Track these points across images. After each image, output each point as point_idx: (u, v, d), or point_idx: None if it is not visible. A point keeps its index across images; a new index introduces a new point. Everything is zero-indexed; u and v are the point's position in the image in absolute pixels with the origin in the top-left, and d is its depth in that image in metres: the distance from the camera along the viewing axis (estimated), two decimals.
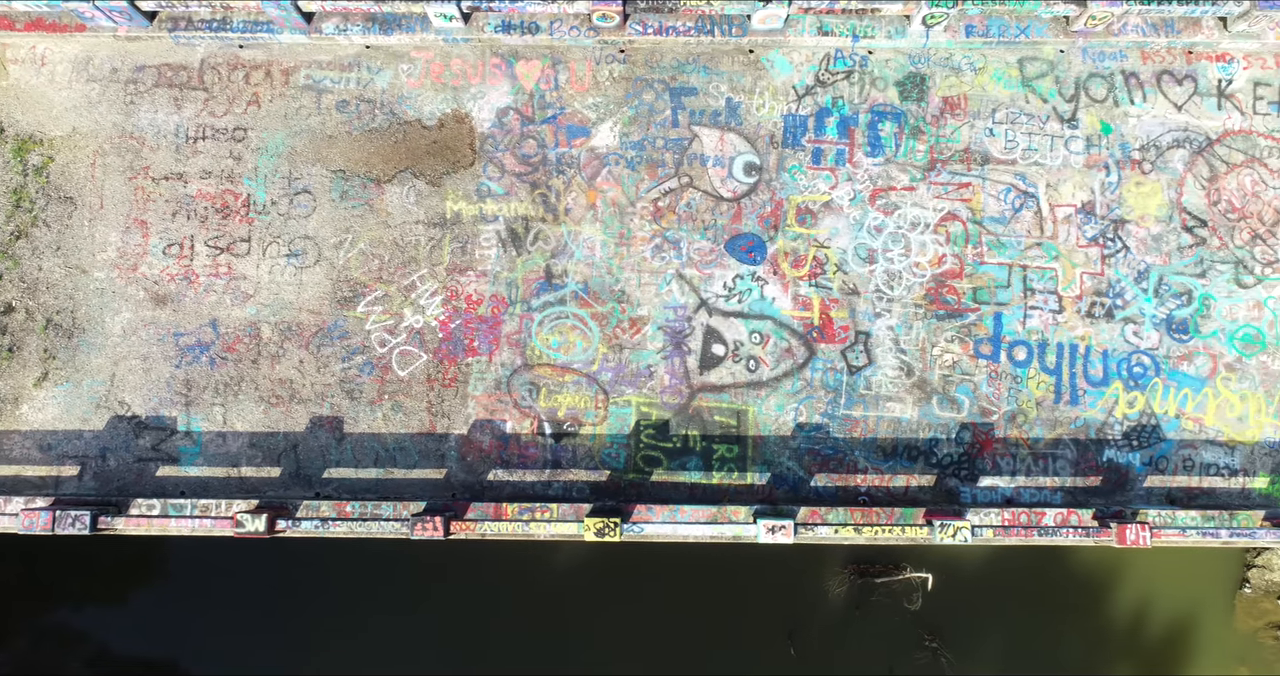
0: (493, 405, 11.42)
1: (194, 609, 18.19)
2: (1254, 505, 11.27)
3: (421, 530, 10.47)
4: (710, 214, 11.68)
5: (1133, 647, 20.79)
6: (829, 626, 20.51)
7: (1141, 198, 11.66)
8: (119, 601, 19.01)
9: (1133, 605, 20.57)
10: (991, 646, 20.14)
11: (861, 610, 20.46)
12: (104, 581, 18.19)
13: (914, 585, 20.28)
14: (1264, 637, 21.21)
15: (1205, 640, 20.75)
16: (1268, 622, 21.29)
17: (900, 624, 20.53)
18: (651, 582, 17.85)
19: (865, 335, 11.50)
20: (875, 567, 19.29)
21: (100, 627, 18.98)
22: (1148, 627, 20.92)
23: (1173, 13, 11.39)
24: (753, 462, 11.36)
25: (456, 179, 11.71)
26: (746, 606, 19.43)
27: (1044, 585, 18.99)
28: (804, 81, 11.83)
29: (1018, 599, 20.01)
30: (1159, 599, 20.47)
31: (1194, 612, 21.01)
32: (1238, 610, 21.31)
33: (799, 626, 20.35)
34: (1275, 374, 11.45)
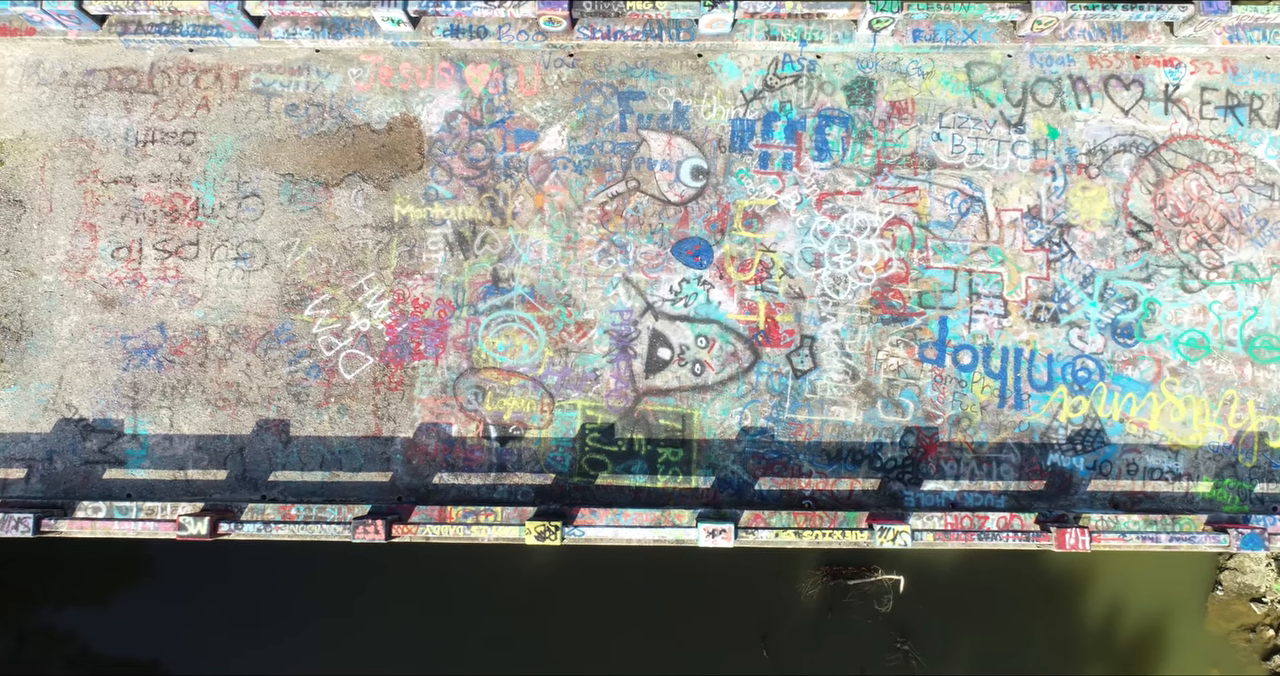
0: (438, 408, 11.45)
1: (178, 609, 18.31)
2: (1197, 509, 11.30)
3: (363, 533, 10.51)
4: (657, 218, 11.72)
5: (1105, 649, 20.85)
6: (801, 628, 20.58)
7: (1087, 202, 11.69)
8: (102, 601, 19.10)
9: (1105, 607, 20.62)
10: (963, 648, 20.19)
11: (834, 612, 20.52)
12: (87, 581, 18.24)
13: (886, 587, 20.34)
14: (1236, 640, 21.26)
15: (1178, 642, 20.80)
16: (1240, 625, 21.34)
17: (872, 625, 20.59)
18: (623, 584, 17.92)
19: (810, 339, 11.54)
20: (848, 569, 19.35)
21: (83, 627, 19.06)
22: (1120, 629, 20.98)
23: (1118, 17, 11.42)
24: (697, 466, 11.39)
25: (404, 183, 11.75)
26: (719, 608, 19.49)
27: (1016, 587, 19.04)
28: (752, 86, 11.86)
29: (990, 600, 20.07)
30: (1131, 601, 20.53)
31: (1166, 614, 21.07)
32: (1210, 612, 21.37)
33: (772, 628, 20.41)
34: (1220, 378, 11.48)
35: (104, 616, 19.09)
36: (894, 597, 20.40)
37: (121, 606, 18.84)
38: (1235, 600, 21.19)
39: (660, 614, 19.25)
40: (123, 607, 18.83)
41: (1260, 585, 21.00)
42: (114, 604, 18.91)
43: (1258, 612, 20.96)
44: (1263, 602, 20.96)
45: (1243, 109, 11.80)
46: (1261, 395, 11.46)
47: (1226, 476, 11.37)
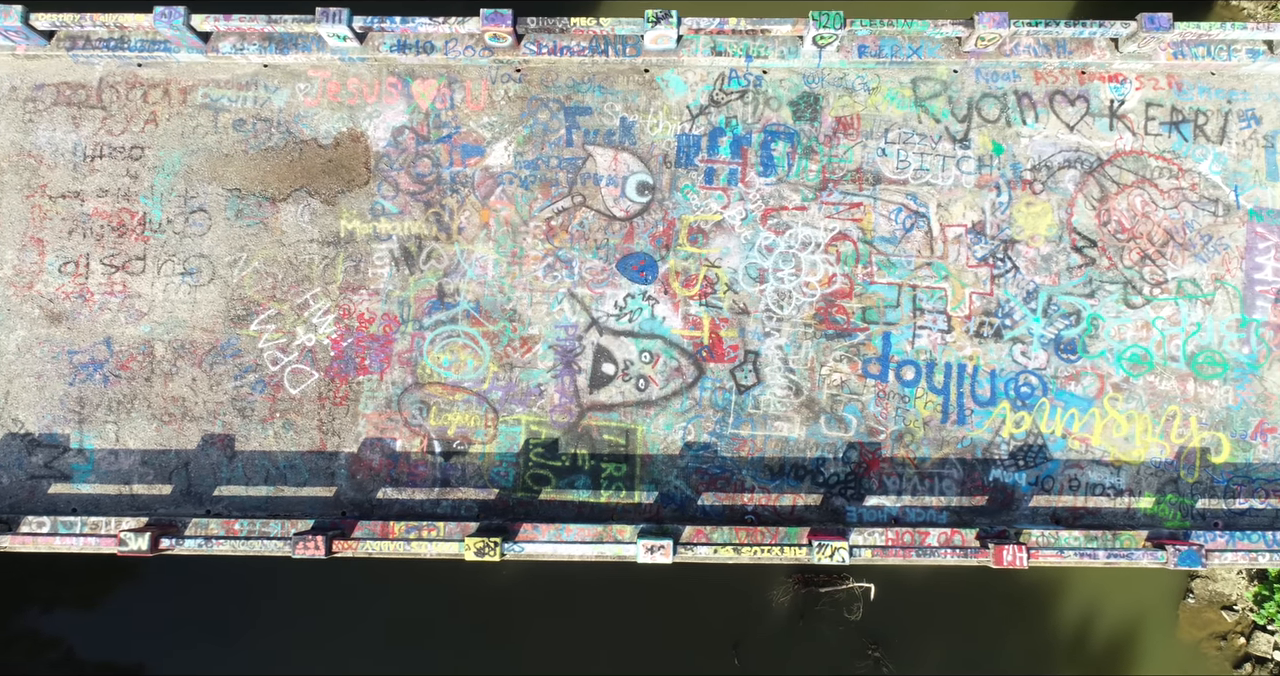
0: (383, 423, 11.49)
1: (163, 613, 18.43)
2: (1139, 525, 11.33)
3: (303, 549, 10.54)
4: (603, 233, 11.75)
5: (1076, 657, 20.91)
6: (773, 636, 20.64)
7: (1032, 218, 11.72)
8: (88, 605, 19.17)
9: (1076, 614, 20.69)
10: (934, 656, 20.25)
11: (805, 619, 20.58)
12: (73, 585, 18.32)
13: (856, 595, 20.41)
14: (1207, 648, 21.33)
15: (1149, 650, 20.88)
16: (1211, 633, 21.40)
17: (844, 633, 20.67)
18: (595, 592, 17.99)
19: (754, 354, 11.57)
20: (820, 577, 19.43)
21: (68, 631, 19.14)
22: (1091, 637, 21.04)
23: (1062, 33, 11.44)
24: (641, 481, 11.43)
25: (351, 198, 11.79)
26: (692, 615, 19.57)
27: (987, 594, 19.12)
28: (698, 101, 11.89)
29: (961, 608, 20.14)
30: (1103, 608, 20.60)
31: (1138, 622, 21.16)
32: (1181, 620, 21.45)
33: (743, 635, 20.47)
34: (1162, 394, 11.51)
35: (89, 620, 19.18)
36: (864, 605, 20.47)
37: (107, 610, 18.95)
38: (1206, 608, 21.25)
39: (632, 622, 19.35)
40: (108, 611, 18.94)
41: (1231, 593, 21.06)
42: (100, 607, 19.01)
43: (1228, 620, 21.02)
44: (1234, 610, 21.02)
45: (1187, 125, 11.83)
46: (1204, 411, 11.48)
47: (1168, 492, 11.40)
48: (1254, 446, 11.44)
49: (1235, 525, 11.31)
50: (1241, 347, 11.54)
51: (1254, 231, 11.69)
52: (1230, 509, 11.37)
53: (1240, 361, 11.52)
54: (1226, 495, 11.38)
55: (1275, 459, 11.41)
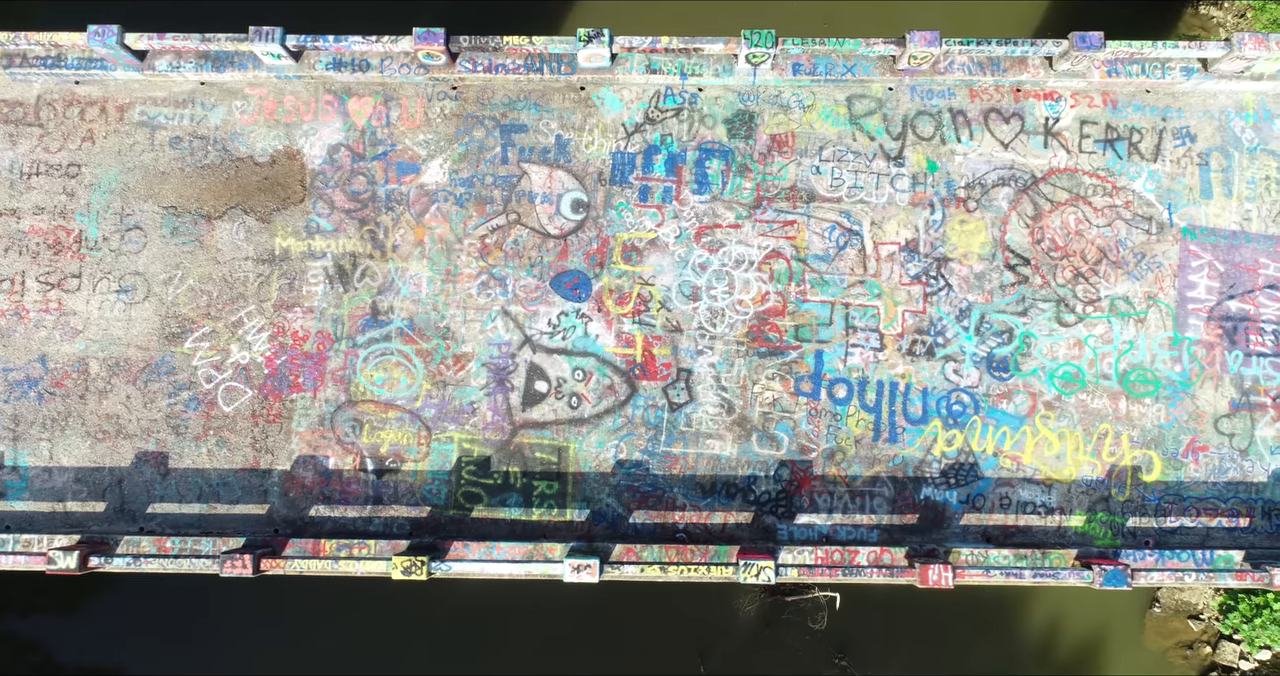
0: (316, 441, 11.52)
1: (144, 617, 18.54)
2: (1070, 543, 11.33)
3: (230, 568, 10.57)
4: (537, 251, 11.77)
5: (1042, 666, 20.92)
6: (740, 644, 20.67)
7: (965, 236, 11.73)
8: (67, 609, 19.22)
9: (1043, 623, 20.71)
10: (900, 664, 20.28)
11: (771, 628, 20.60)
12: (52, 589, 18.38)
13: (822, 604, 20.44)
14: (1174, 657, 21.34)
15: (1115, 658, 20.89)
16: (1177, 642, 21.41)
17: (811, 642, 20.69)
18: (559, 599, 18.01)
19: (687, 372, 11.59)
20: (785, 585, 19.45)
21: (47, 635, 19.21)
22: (1058, 646, 21.05)
23: (994, 52, 11.45)
24: (572, 499, 11.45)
25: (286, 215, 11.81)
26: (657, 624, 19.60)
27: (953, 602, 19.12)
28: (633, 119, 11.92)
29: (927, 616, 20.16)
30: (1069, 616, 20.62)
31: (1104, 630, 21.17)
32: (1147, 629, 21.46)
33: (709, 644, 20.50)
34: (1094, 412, 11.52)
35: (69, 623, 19.24)
36: (829, 614, 20.49)
37: (87, 614, 19.01)
38: (1173, 617, 21.26)
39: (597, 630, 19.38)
40: (88, 615, 19.01)
41: (1198, 602, 21.06)
42: (79, 611, 19.08)
43: (1195, 630, 21.03)
44: (1200, 620, 21.02)
45: (1122, 142, 11.84)
46: (1135, 429, 11.49)
47: (1099, 510, 11.41)
48: (1185, 465, 11.45)
49: (1166, 544, 11.32)
50: (1174, 366, 11.55)
51: (1187, 249, 11.70)
52: (1161, 527, 11.38)
53: (1172, 379, 11.53)
54: (1158, 513, 11.39)
55: (1206, 477, 11.42)
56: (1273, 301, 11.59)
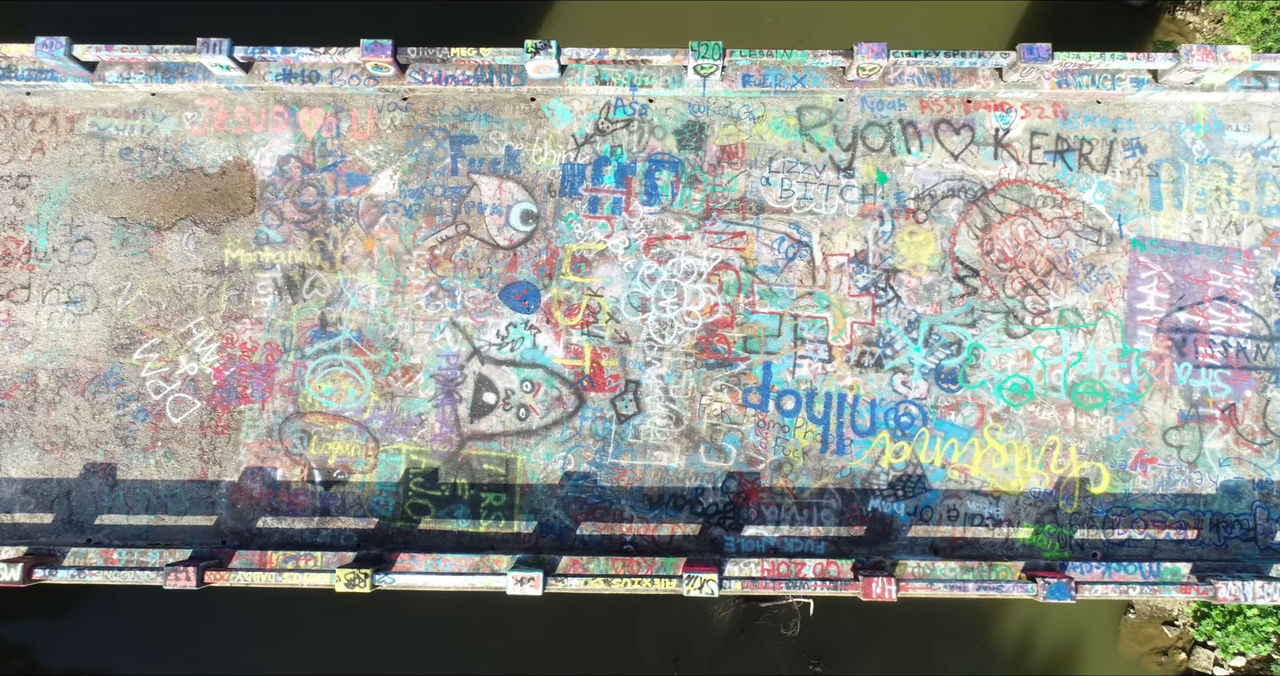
0: (264, 452, 11.52)
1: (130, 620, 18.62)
2: (1017, 555, 11.32)
3: (174, 580, 10.57)
4: (486, 262, 11.77)
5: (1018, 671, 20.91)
6: (714, 650, 20.69)
7: (914, 247, 11.72)
8: (54, 614, 19.27)
9: (1018, 628, 20.71)
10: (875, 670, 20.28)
11: (747, 634, 20.61)
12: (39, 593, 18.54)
13: (795, 610, 20.44)
14: (1149, 663, 21.35)
15: (1091, 665, 20.91)
16: (1152, 648, 21.41)
17: (785, 647, 20.70)
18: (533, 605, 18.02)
19: (635, 384, 11.58)
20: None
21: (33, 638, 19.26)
22: (1033, 650, 21.05)
23: (943, 64, 11.44)
24: (520, 511, 11.44)
25: (236, 227, 11.82)
26: (632, 630, 19.62)
27: (928, 608, 19.11)
28: (584, 130, 11.91)
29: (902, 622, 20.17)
30: (1045, 622, 20.64)
31: (1079, 636, 21.17)
32: (1123, 635, 21.46)
33: (684, 650, 20.51)
34: (1042, 424, 11.51)
35: (55, 627, 19.29)
36: (802, 621, 20.49)
37: (73, 617, 19.07)
38: (1148, 623, 21.26)
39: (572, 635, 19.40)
40: (75, 618, 19.06)
41: (1173, 608, 21.05)
42: (66, 615, 19.12)
43: (1170, 636, 21.04)
44: (1175, 626, 21.03)
45: (1072, 154, 11.82)
46: (1084, 441, 11.48)
47: (1047, 522, 11.39)
48: (1134, 477, 11.43)
49: (1114, 556, 11.31)
50: (1122, 378, 11.54)
51: (1137, 261, 11.69)
52: (1109, 539, 11.37)
53: (1121, 391, 11.52)
54: (1105, 525, 11.37)
55: (1154, 489, 11.41)
56: (1222, 313, 11.58)
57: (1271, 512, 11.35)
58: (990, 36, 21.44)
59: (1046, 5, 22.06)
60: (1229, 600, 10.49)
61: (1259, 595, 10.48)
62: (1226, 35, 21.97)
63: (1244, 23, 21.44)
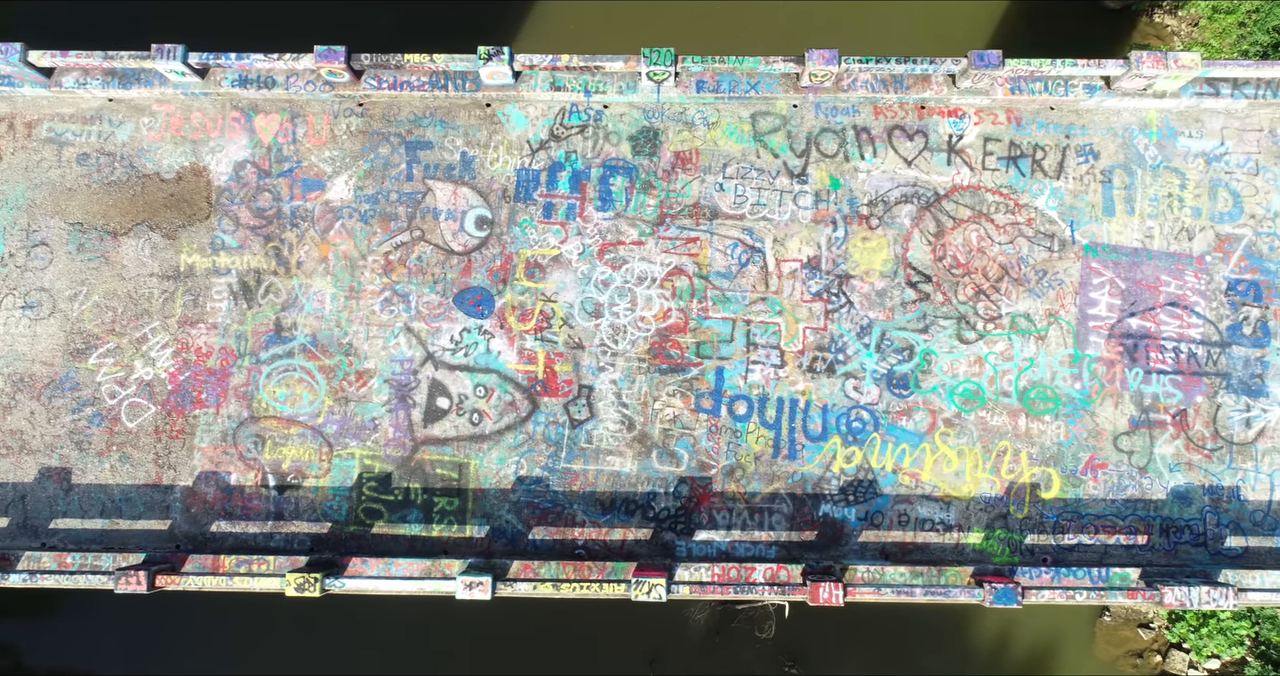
0: (218, 457, 11.57)
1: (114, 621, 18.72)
2: (967, 560, 11.36)
3: (125, 585, 10.62)
4: (440, 267, 11.82)
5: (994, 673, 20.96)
6: (690, 652, 20.75)
7: (867, 253, 11.76)
8: (38, 614, 19.35)
9: (994, 630, 20.77)
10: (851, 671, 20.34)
11: (722, 636, 20.66)
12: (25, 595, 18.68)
13: (770, 612, 20.49)
14: (1124, 665, 21.40)
15: (1066, 667, 20.97)
16: (1127, 650, 21.47)
17: (761, 649, 20.76)
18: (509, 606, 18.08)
19: (588, 389, 11.63)
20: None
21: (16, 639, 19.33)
22: (1009, 654, 21.11)
23: (895, 70, 11.48)
24: (472, 515, 11.49)
25: (192, 232, 11.86)
26: (609, 632, 19.68)
27: (903, 610, 19.19)
28: (539, 136, 11.95)
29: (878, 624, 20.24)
30: (1020, 624, 20.70)
31: (1055, 638, 21.25)
32: (1098, 638, 21.52)
33: (660, 652, 20.57)
34: (993, 429, 11.54)
35: (40, 627, 19.37)
36: (776, 623, 20.54)
37: (58, 619, 19.15)
38: (1123, 625, 21.32)
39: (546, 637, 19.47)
40: (59, 619, 19.14)
41: (1148, 611, 21.09)
42: (51, 615, 19.21)
43: (1145, 638, 21.08)
44: (1150, 628, 21.08)
45: (1025, 160, 11.86)
46: (1035, 446, 11.52)
47: (997, 527, 11.43)
48: (1084, 482, 11.47)
49: (1064, 561, 11.35)
50: (1074, 383, 11.58)
51: (1089, 267, 11.72)
52: (1059, 544, 11.41)
53: (1072, 397, 11.56)
54: (1056, 531, 11.41)
55: (1105, 495, 11.45)
56: (1173, 319, 11.62)
57: (1221, 518, 11.40)
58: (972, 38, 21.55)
59: (1026, 8, 22.13)
60: (1174, 605, 10.53)
61: (1204, 600, 10.52)
62: (1203, 38, 22.02)
63: (1219, 26, 21.48)
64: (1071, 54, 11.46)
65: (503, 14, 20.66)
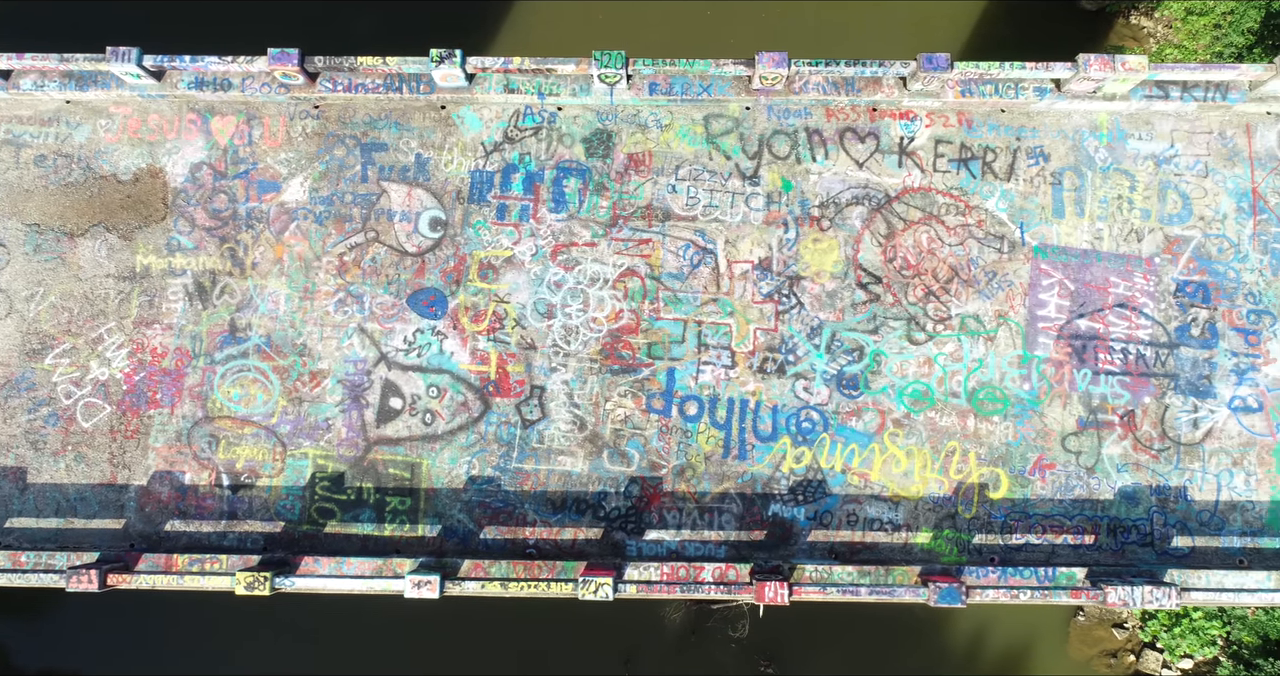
0: (173, 456, 11.65)
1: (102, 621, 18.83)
2: (916, 559, 11.43)
3: (76, 583, 10.71)
4: (394, 269, 11.90)
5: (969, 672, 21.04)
6: (665, 651, 20.83)
7: (818, 254, 11.83)
8: (25, 614, 19.45)
9: (968, 630, 20.85)
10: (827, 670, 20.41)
11: (698, 635, 20.74)
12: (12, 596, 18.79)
13: (745, 611, 20.55)
14: (1097, 665, 21.49)
15: (1040, 666, 21.06)
16: (1101, 650, 21.55)
17: (737, 648, 20.84)
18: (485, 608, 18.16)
19: (540, 389, 11.71)
20: None
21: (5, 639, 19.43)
22: (984, 653, 21.19)
23: (844, 73, 11.55)
24: (424, 515, 11.57)
25: (148, 233, 11.95)
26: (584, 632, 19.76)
27: (878, 610, 19.30)
28: (493, 138, 12.03)
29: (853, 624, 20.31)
30: (995, 624, 20.78)
31: (1030, 638, 21.33)
32: (1072, 637, 21.60)
33: (635, 652, 20.65)
34: (942, 430, 11.62)
35: (28, 628, 19.46)
36: (752, 623, 20.61)
37: (46, 619, 19.26)
38: (1097, 625, 21.40)
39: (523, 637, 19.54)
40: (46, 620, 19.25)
41: (1122, 611, 21.16)
42: (38, 617, 19.31)
43: (1118, 638, 21.16)
44: (1124, 628, 21.15)
45: (976, 162, 11.93)
46: (983, 447, 11.59)
47: (945, 527, 11.51)
48: (1032, 482, 11.54)
49: (1011, 560, 11.41)
50: (1022, 384, 11.65)
51: (1038, 268, 11.80)
52: (1007, 544, 11.48)
53: (1021, 397, 11.63)
54: (1003, 530, 11.48)
55: (1053, 495, 11.52)
56: (1122, 320, 11.69)
57: (1168, 518, 11.47)
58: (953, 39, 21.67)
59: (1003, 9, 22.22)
60: (1117, 605, 10.60)
61: (1147, 600, 10.59)
62: (1178, 40, 22.10)
63: (1191, 28, 21.56)
64: (1049, 56, 11.49)
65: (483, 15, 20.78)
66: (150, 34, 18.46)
